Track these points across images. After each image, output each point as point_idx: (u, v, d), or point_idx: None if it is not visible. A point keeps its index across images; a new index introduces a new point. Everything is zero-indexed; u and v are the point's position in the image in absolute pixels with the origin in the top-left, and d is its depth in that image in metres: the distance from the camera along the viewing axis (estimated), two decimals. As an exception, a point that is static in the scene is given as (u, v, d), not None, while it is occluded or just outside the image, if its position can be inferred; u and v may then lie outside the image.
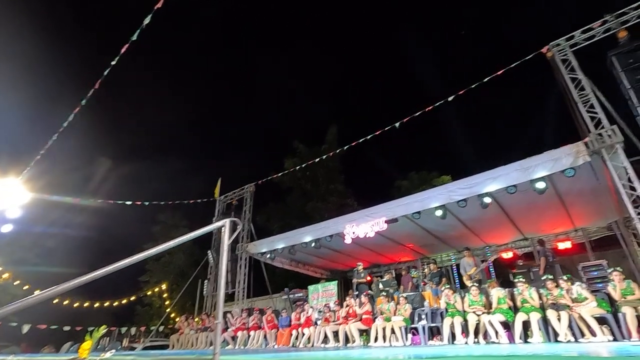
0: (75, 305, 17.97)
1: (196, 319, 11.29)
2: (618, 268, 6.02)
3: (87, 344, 4.83)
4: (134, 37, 5.82)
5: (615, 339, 5.41)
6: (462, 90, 9.55)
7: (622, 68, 7.39)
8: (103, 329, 4.95)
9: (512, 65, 9.03)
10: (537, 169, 7.09)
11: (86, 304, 18.49)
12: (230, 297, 13.17)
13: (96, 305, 18.84)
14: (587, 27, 8.39)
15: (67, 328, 14.34)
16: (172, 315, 20.74)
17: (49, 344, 14.88)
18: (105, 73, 6.17)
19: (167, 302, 22.81)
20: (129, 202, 15.26)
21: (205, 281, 14.06)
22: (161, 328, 15.93)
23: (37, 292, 1.88)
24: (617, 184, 6.82)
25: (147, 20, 5.65)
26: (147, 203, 15.30)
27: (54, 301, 15.67)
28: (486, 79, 9.35)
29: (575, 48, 8.46)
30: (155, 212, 25.37)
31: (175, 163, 33.89)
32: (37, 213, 17.56)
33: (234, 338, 9.92)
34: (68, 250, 22.08)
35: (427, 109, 10.24)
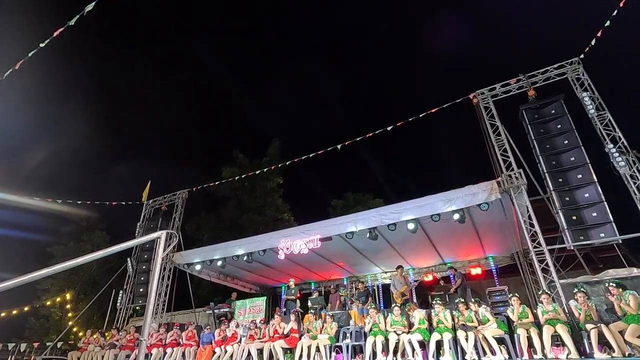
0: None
1: (106, 334, 10.16)
2: (516, 294, 6.90)
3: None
4: (72, 22, 5.26)
5: (510, 357, 6.12)
6: (400, 122, 10.35)
7: (529, 121, 8.63)
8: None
9: (445, 106, 10.07)
10: (458, 201, 7.89)
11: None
12: (147, 311, 12.09)
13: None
14: (505, 82, 9.71)
15: None
16: (75, 329, 18.38)
17: None
18: (30, 54, 5.47)
19: (69, 314, 20.17)
20: (36, 198, 13.52)
21: (121, 291, 12.78)
22: (60, 344, 14.01)
23: None
24: (520, 219, 7.86)
25: (89, 7, 5.17)
26: (59, 201, 13.69)
27: None
28: (422, 115, 10.27)
29: (495, 98, 9.71)
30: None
31: (98, 159, 30.75)
32: None
33: (147, 356, 9.11)
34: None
35: (367, 135, 10.94)
